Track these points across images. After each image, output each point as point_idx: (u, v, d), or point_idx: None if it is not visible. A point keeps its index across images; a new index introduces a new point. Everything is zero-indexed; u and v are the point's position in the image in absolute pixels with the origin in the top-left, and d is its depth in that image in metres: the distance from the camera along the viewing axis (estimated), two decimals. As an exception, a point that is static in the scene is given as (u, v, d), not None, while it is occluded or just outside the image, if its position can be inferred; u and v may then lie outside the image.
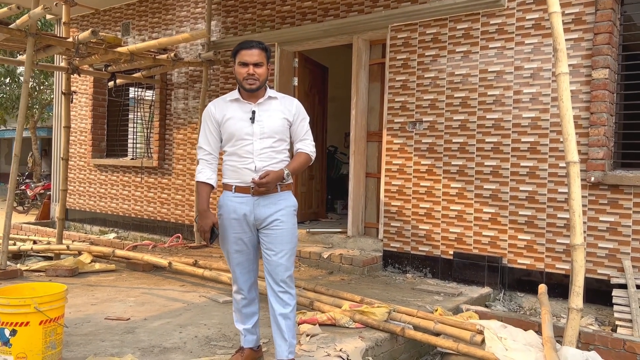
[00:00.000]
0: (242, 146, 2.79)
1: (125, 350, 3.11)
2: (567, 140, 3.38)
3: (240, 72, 2.82)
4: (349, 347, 3.17)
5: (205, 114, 2.92)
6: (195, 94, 7.57)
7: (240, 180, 2.79)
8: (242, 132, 2.79)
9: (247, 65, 2.80)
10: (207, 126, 2.89)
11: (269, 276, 2.81)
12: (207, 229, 2.77)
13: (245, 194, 2.79)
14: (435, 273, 5.31)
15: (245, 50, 2.83)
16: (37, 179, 18.05)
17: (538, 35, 4.79)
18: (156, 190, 8.12)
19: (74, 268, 5.15)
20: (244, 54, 2.83)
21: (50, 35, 6.08)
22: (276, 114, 2.86)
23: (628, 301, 4.05)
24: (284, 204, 2.82)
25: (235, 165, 2.81)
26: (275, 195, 2.80)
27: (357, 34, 5.94)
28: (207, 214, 2.80)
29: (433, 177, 5.36)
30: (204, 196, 2.85)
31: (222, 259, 5.84)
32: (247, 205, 2.78)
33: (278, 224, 2.79)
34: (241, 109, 2.84)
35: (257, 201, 2.78)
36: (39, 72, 16.46)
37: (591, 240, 4.52)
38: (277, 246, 2.78)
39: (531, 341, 3.34)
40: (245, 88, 2.82)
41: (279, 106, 2.88)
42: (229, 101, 2.89)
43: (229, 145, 2.84)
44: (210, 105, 2.92)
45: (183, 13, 7.78)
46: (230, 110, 2.85)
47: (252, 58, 2.81)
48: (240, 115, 2.82)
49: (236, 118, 2.82)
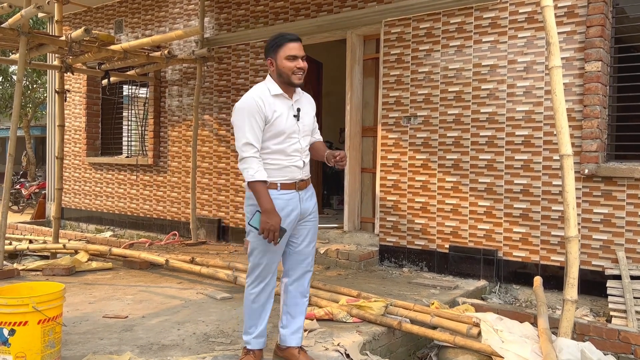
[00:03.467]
0: (290, 144, 2.74)
1: (123, 348, 3.12)
2: (560, 133, 3.41)
3: (289, 66, 2.67)
4: (347, 342, 3.19)
5: (252, 108, 2.67)
6: (189, 91, 7.56)
7: (287, 178, 2.75)
8: (291, 129, 2.73)
9: (297, 59, 2.68)
10: (254, 121, 2.66)
11: (296, 266, 2.89)
12: (278, 226, 2.63)
13: (291, 190, 2.77)
14: (432, 267, 5.34)
15: (292, 43, 2.69)
16: (32, 178, 17.99)
17: (531, 29, 4.80)
18: (152, 188, 8.11)
19: (70, 267, 5.15)
20: (292, 47, 2.68)
21: (43, 34, 6.05)
22: (310, 111, 2.88)
23: (622, 292, 4.08)
24: (314, 196, 2.94)
25: (282, 164, 2.74)
26: (310, 186, 2.91)
27: (350, 29, 5.94)
28: (275, 212, 2.65)
29: (428, 171, 5.38)
30: (267, 194, 2.66)
31: (219, 256, 5.86)
32: (295, 201, 2.78)
33: (314, 216, 2.92)
34: (286, 105, 2.75)
35: (302, 195, 2.82)
36: (32, 71, 16.38)
37: (585, 232, 4.55)
38: (311, 237, 2.92)
39: (527, 333, 3.37)
40: (294, 83, 2.71)
41: (308, 103, 2.90)
42: (273, 96, 2.72)
43: (273, 142, 2.72)
44: (256, 99, 2.68)
45: (176, 10, 7.75)
46: (278, 106, 2.72)
47: (300, 51, 2.70)
48: (288, 112, 2.74)
49: (285, 115, 2.72)
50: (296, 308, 2.91)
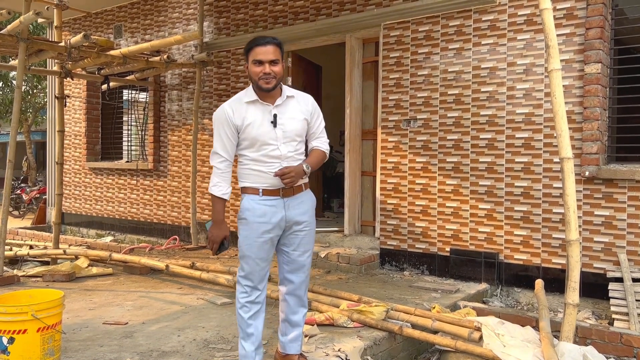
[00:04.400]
0: (267, 152, 2.66)
1: (123, 355, 3.11)
2: (560, 136, 3.39)
3: (255, 71, 2.62)
4: (348, 347, 3.18)
5: (221, 118, 2.67)
6: (189, 96, 7.56)
7: (268, 184, 2.68)
8: (266, 137, 2.64)
9: (263, 64, 2.60)
10: (223, 131, 2.66)
11: (290, 276, 2.81)
12: (218, 240, 2.70)
13: (274, 196, 2.69)
14: (433, 270, 5.32)
15: (259, 47, 2.61)
16: (33, 183, 18.00)
17: (530, 31, 4.80)
18: (152, 193, 8.11)
19: (71, 273, 5.14)
20: (259, 52, 2.61)
21: (42, 40, 6.05)
22: (297, 115, 2.73)
23: (624, 294, 4.07)
24: (309, 203, 2.82)
25: (261, 170, 2.68)
26: (301, 194, 2.77)
27: (349, 32, 5.94)
28: (222, 226, 2.70)
29: (428, 174, 5.37)
30: (220, 208, 2.71)
31: (219, 261, 5.85)
32: (277, 208, 2.69)
33: (307, 226, 2.79)
34: (261, 112, 2.67)
35: (288, 202, 2.71)
36: (32, 76, 16.40)
37: (587, 235, 4.54)
38: (305, 246, 2.80)
39: (529, 337, 3.36)
40: (262, 88, 2.63)
41: (297, 106, 2.75)
42: (246, 103, 2.68)
43: (251, 150, 2.68)
44: (225, 108, 2.68)
45: (175, 14, 7.76)
46: (250, 113, 2.66)
47: (267, 56, 2.60)
48: (262, 119, 2.65)
49: (257, 122, 2.64)
50: (294, 317, 2.87)
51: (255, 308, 2.75)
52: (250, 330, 2.74)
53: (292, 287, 2.84)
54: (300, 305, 2.89)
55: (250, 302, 2.74)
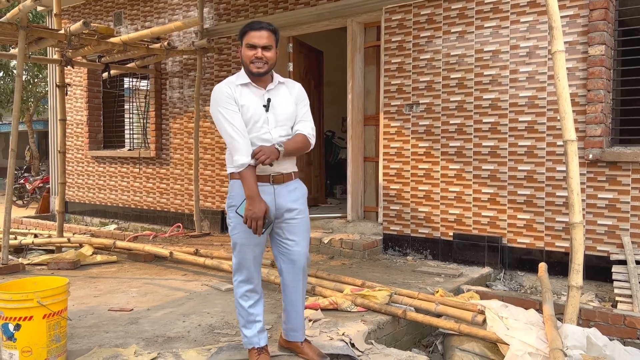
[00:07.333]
0: (258, 134, 2.62)
1: (129, 340, 3.13)
2: (564, 119, 3.37)
3: (247, 55, 2.60)
4: (352, 331, 3.19)
5: (222, 95, 2.61)
6: (190, 83, 7.53)
7: (259, 169, 2.60)
8: (258, 119, 2.62)
9: (256, 48, 2.59)
10: (228, 108, 2.58)
11: (288, 265, 2.76)
12: (261, 214, 2.51)
13: (264, 182, 2.63)
14: (436, 255, 5.33)
15: (253, 31, 2.61)
16: (36, 172, 18.04)
17: (533, 13, 4.75)
18: (155, 181, 8.11)
19: (75, 260, 5.16)
20: (252, 36, 2.60)
21: (42, 28, 6.01)
22: (287, 99, 2.72)
23: (628, 277, 4.07)
24: (300, 191, 2.77)
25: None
26: (291, 182, 2.73)
27: (351, 17, 5.89)
28: (259, 199, 2.53)
29: (431, 159, 5.35)
30: (253, 180, 2.55)
31: (223, 247, 5.86)
32: (267, 195, 2.62)
33: (299, 213, 2.73)
34: (254, 95, 2.65)
35: (278, 190, 2.67)
36: (33, 65, 16.35)
37: (590, 218, 4.53)
38: (299, 235, 2.74)
39: (532, 320, 3.36)
40: (252, 72, 2.61)
41: (287, 92, 2.75)
42: (240, 85, 2.65)
43: None
44: (222, 86, 2.63)
45: (175, 1, 7.70)
46: (245, 95, 2.63)
47: (260, 40, 2.60)
48: (255, 102, 2.63)
49: (251, 104, 2.62)
50: (295, 307, 2.83)
51: (255, 297, 2.77)
52: (252, 318, 2.75)
53: (291, 278, 2.80)
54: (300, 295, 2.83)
55: (249, 291, 2.75)
